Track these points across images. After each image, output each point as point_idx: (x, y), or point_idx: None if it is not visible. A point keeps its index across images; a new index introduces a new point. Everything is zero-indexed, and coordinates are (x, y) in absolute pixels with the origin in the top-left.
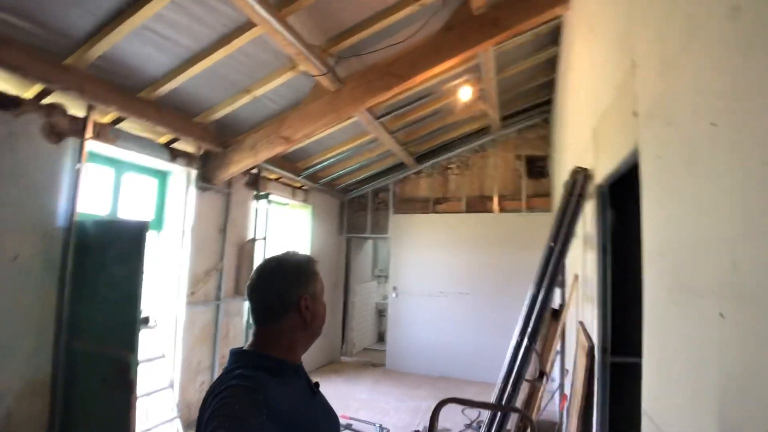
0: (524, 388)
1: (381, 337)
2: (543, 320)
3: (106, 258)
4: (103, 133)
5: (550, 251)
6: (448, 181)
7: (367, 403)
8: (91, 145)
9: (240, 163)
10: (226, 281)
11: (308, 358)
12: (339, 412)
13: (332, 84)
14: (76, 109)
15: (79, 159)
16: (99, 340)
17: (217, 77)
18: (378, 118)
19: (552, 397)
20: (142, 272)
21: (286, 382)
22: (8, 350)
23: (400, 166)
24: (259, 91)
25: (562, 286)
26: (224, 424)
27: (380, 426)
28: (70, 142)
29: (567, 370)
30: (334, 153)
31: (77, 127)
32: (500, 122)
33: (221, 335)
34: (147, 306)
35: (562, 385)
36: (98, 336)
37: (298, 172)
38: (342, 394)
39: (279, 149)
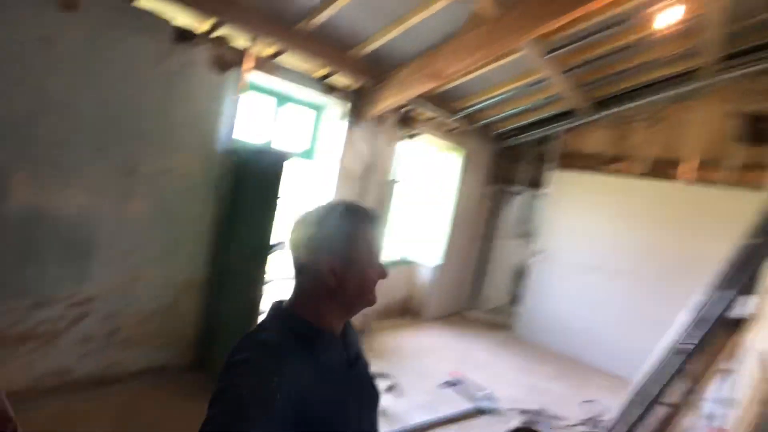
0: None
1: (514, 299)
2: (711, 335)
3: (252, 182)
4: (263, 64)
5: (749, 247)
6: (628, 136)
7: (483, 365)
8: (252, 76)
9: (388, 100)
10: None
11: (434, 305)
12: (451, 368)
13: (494, 9)
14: (240, 41)
15: (239, 89)
16: (239, 255)
17: (370, 4)
18: (549, 52)
19: (703, 422)
20: (277, 198)
21: (314, 352)
22: (175, 251)
23: (569, 114)
24: (413, 21)
25: (751, 292)
26: (226, 410)
27: (489, 393)
28: (233, 73)
29: (733, 400)
30: (493, 94)
31: (240, 59)
32: (716, 65)
33: None
34: (285, 230)
35: (719, 415)
36: (239, 251)
37: (453, 113)
38: (460, 349)
39: (428, 86)
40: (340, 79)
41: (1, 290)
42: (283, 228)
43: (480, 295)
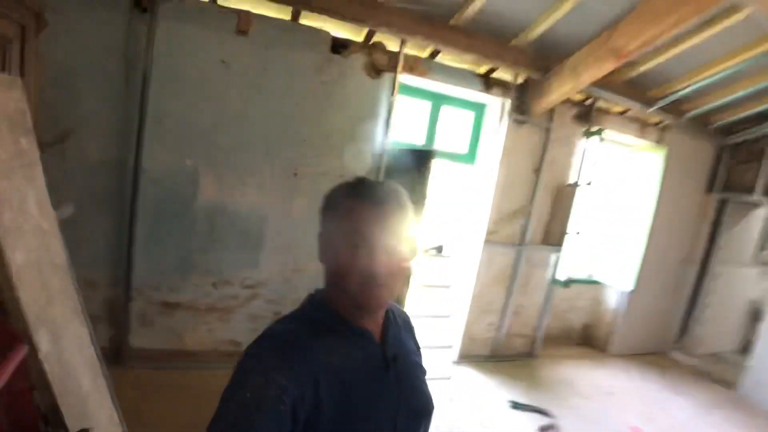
0: None
1: (744, 348)
2: None
3: (404, 183)
4: (415, 66)
5: None
6: None
7: (681, 426)
8: (405, 78)
9: (559, 91)
10: (533, 227)
11: (624, 338)
12: (633, 421)
13: None
14: (393, 45)
15: (394, 92)
16: None
17: None
18: None
19: None
20: (424, 199)
21: (334, 342)
22: None
23: None
24: None
25: None
26: (232, 413)
27: None
28: (387, 77)
29: None
30: (706, 74)
31: (393, 63)
32: None
33: (519, 283)
34: (442, 235)
35: None
36: None
37: (649, 103)
38: (651, 398)
39: (607, 67)
40: (502, 74)
41: (192, 269)
42: (446, 231)
43: (691, 334)
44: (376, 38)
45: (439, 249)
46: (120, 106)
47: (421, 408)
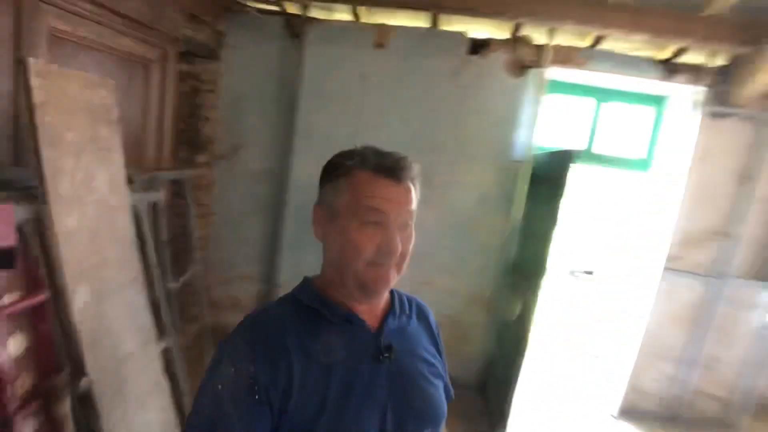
0: None
1: None
2: None
3: (541, 193)
4: (569, 58)
5: None
6: None
7: None
8: (558, 73)
9: None
10: (741, 253)
11: None
12: None
13: None
14: (541, 38)
15: (540, 91)
16: (521, 273)
17: None
18: None
19: None
20: (558, 209)
21: (315, 327)
22: (464, 262)
23: None
24: None
25: None
26: (206, 406)
27: None
28: (532, 74)
29: None
30: None
31: (540, 58)
32: None
33: (713, 326)
34: (591, 254)
35: None
36: (521, 269)
37: None
38: None
39: None
40: (688, 56)
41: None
42: (596, 250)
43: None
44: (522, 32)
45: (589, 272)
46: (276, 123)
47: (421, 409)
